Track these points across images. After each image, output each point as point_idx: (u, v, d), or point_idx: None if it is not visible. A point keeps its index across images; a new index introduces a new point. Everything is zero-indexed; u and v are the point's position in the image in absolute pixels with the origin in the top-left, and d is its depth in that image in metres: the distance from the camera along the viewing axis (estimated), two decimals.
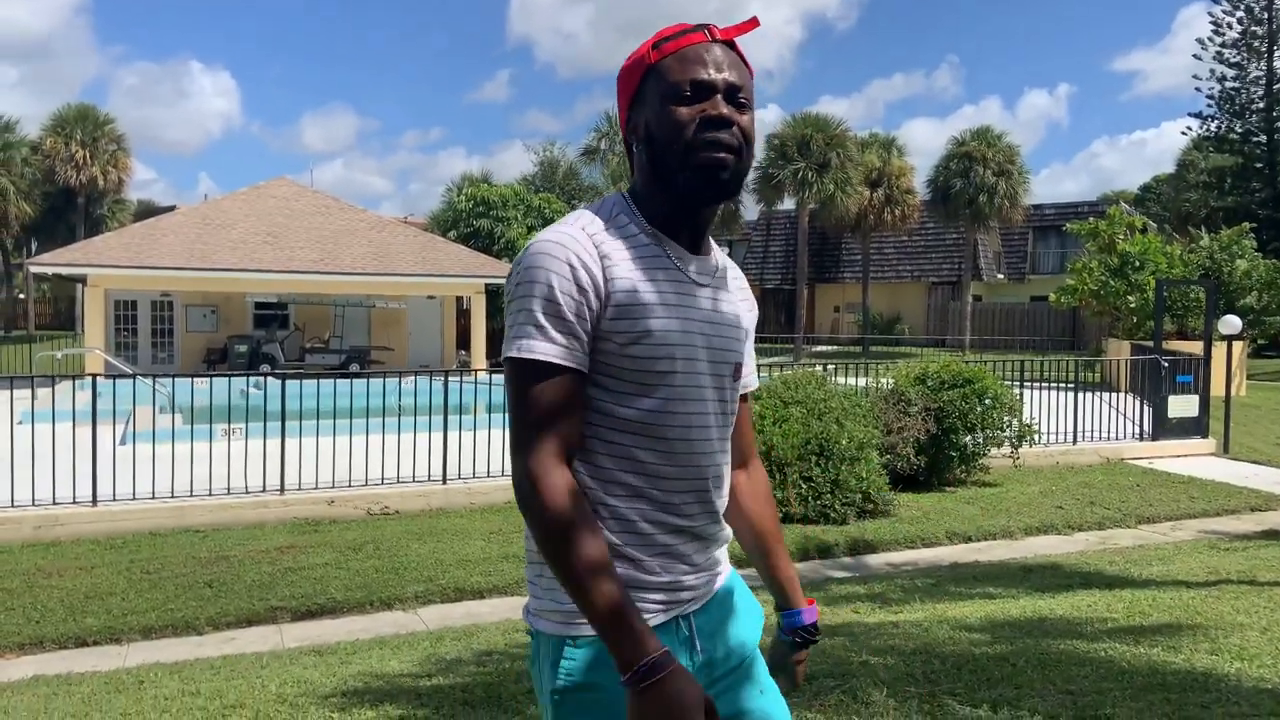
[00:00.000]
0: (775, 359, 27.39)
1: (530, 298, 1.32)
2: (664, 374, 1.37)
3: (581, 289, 1.32)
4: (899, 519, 8.68)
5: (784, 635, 1.62)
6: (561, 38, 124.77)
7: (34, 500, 7.74)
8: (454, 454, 9.21)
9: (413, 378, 11.16)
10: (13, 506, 7.65)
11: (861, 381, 10.94)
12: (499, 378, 13.81)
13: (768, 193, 32.03)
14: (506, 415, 1.37)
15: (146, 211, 38.61)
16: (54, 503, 7.77)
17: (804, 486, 8.57)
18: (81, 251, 20.42)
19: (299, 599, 6.46)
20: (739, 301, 1.52)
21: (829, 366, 11.29)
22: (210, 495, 8.32)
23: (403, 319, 24.96)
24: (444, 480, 9.06)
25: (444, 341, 25.29)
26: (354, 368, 21.19)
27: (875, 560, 7.77)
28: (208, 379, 14.06)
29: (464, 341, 23.84)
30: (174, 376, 11.67)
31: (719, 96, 1.37)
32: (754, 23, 1.43)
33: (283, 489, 8.52)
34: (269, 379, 10.79)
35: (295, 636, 5.92)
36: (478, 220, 25.48)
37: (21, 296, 45.42)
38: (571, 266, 1.32)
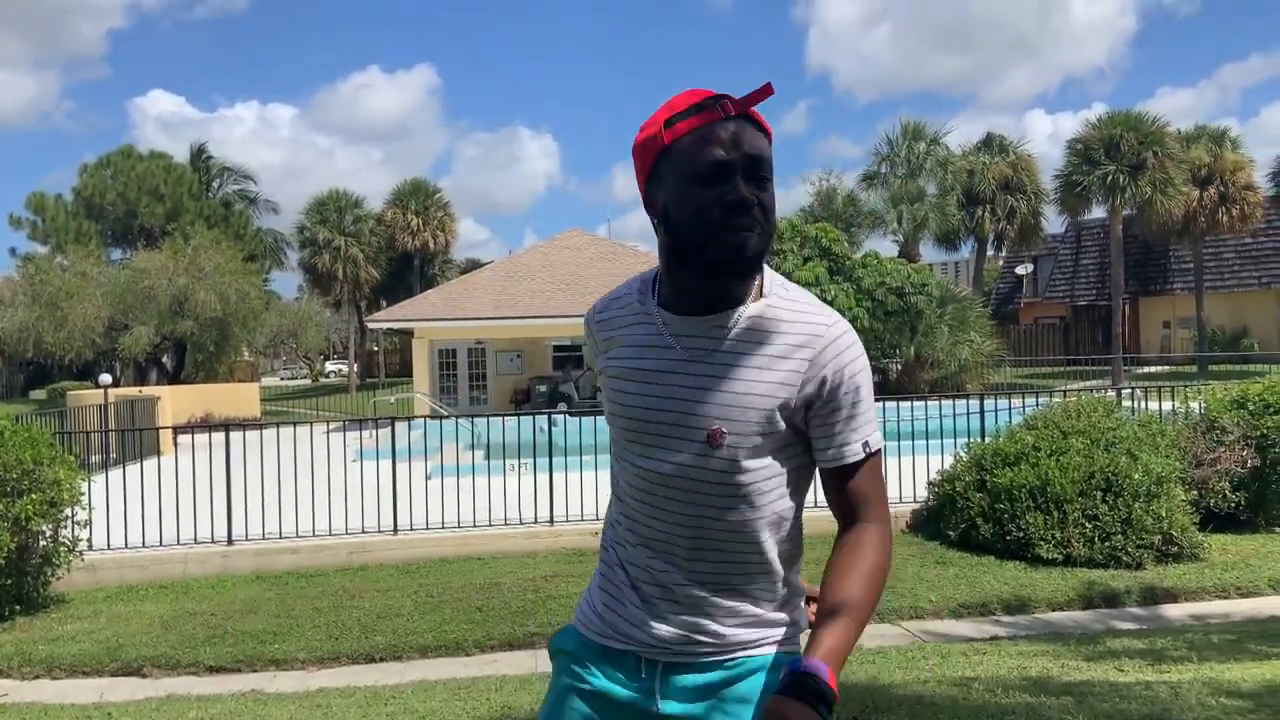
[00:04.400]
0: (1089, 383, 24.91)
1: None
2: (628, 434, 1.48)
3: (592, 355, 1.63)
4: (1209, 564, 7.55)
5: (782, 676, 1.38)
6: (859, 60, 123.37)
7: (347, 529, 8.89)
8: None
9: None
10: (330, 535, 8.83)
11: (1167, 406, 9.68)
12: None
13: (1071, 202, 29.41)
14: None
15: (471, 268, 43.15)
16: (363, 531, 8.87)
17: (1088, 526, 7.72)
18: (408, 308, 23.27)
19: (554, 625, 6.84)
20: (758, 368, 1.39)
21: (1123, 391, 10.09)
22: (490, 525, 9.07)
23: None
24: None
25: None
26: None
27: (1175, 611, 6.80)
28: (509, 417, 15.36)
29: None
30: (472, 416, 12.84)
31: (738, 178, 1.35)
32: (768, 90, 1.37)
33: (552, 520, 9.09)
34: (564, 416, 11.62)
35: (548, 662, 6.26)
36: None
37: (375, 349, 52.51)
38: (586, 333, 1.63)
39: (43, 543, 7.36)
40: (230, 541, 8.66)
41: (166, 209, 34.80)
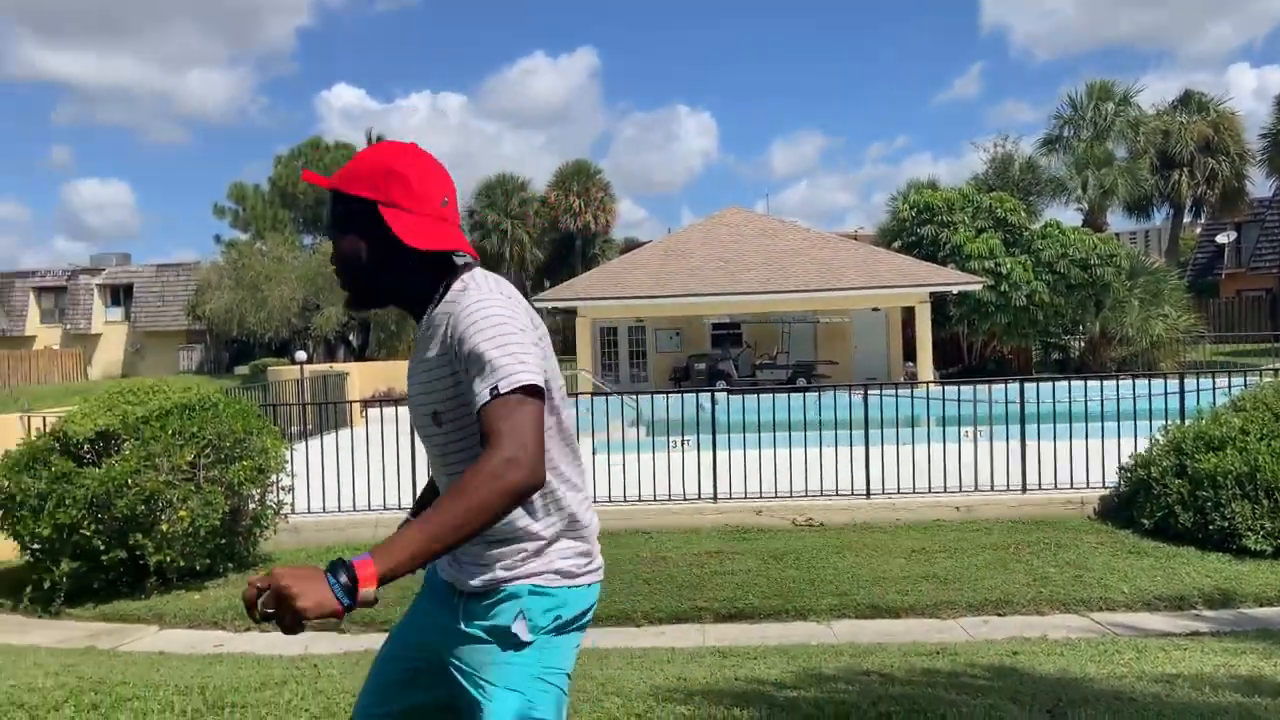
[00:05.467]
0: None
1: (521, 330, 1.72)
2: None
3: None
4: None
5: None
6: (1039, 16, 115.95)
7: None
8: (877, 468, 9.12)
9: (832, 392, 11.25)
10: None
11: None
12: (936, 390, 13.34)
13: None
14: (931, 429, 1.49)
15: (629, 247, 43.75)
16: None
17: None
18: (571, 288, 23.83)
19: (721, 601, 6.89)
20: (427, 345, 1.70)
21: None
22: (655, 501, 9.22)
23: (847, 332, 25.18)
24: (867, 495, 9.02)
25: (889, 353, 24.99)
26: (800, 381, 21.88)
27: None
28: (669, 394, 15.50)
29: (911, 352, 23.34)
30: (636, 394, 13.03)
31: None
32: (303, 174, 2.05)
33: (716, 497, 9.14)
34: (722, 394, 11.64)
35: (715, 636, 6.33)
36: (921, 227, 24.83)
37: None
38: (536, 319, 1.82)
39: (252, 506, 8.04)
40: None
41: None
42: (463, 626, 1.65)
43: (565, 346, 50.47)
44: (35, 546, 7.40)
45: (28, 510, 7.23)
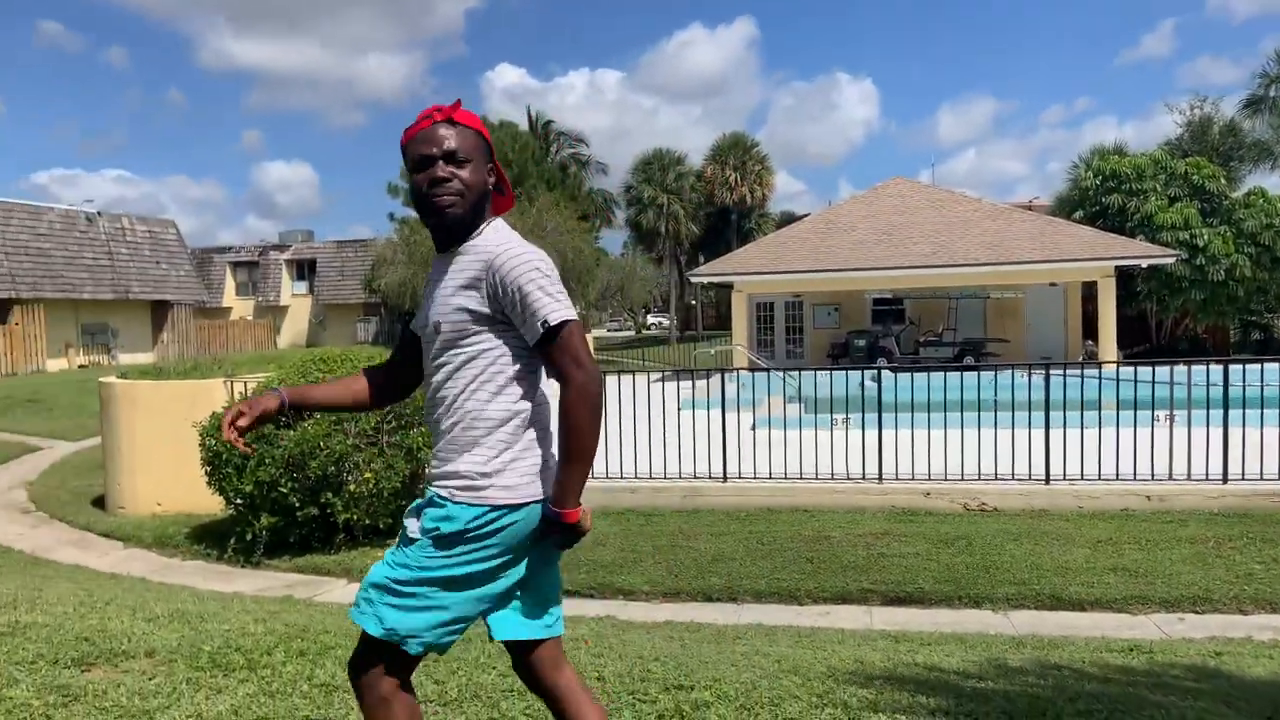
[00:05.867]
0: None
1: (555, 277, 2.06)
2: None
3: None
4: None
5: None
6: None
7: (681, 474, 9.29)
8: (1057, 453, 8.61)
9: (1009, 371, 10.68)
10: (665, 478, 9.29)
11: None
12: (1123, 372, 12.44)
13: None
14: (1118, 413, 1.40)
15: (786, 221, 43.11)
16: (695, 476, 9.23)
17: None
18: (728, 262, 23.68)
19: (889, 585, 6.71)
20: (456, 275, 2.02)
21: None
22: (817, 479, 9.05)
23: (1020, 308, 23.88)
24: (1046, 480, 8.53)
25: (1067, 331, 23.55)
26: (968, 360, 20.96)
27: None
28: (829, 371, 15.20)
29: (1091, 330, 21.90)
30: (792, 370, 12.84)
31: (439, 160, 2.02)
32: (457, 104, 2.08)
33: (880, 477, 8.89)
34: (883, 372, 11.32)
35: (883, 620, 6.16)
36: (1106, 197, 23.14)
37: (693, 303, 54.31)
38: None
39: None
40: None
41: (514, 174, 38.11)
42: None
43: (719, 321, 50.47)
44: (238, 502, 8.04)
45: (232, 468, 7.87)
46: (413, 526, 1.97)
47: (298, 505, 7.76)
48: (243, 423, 2.09)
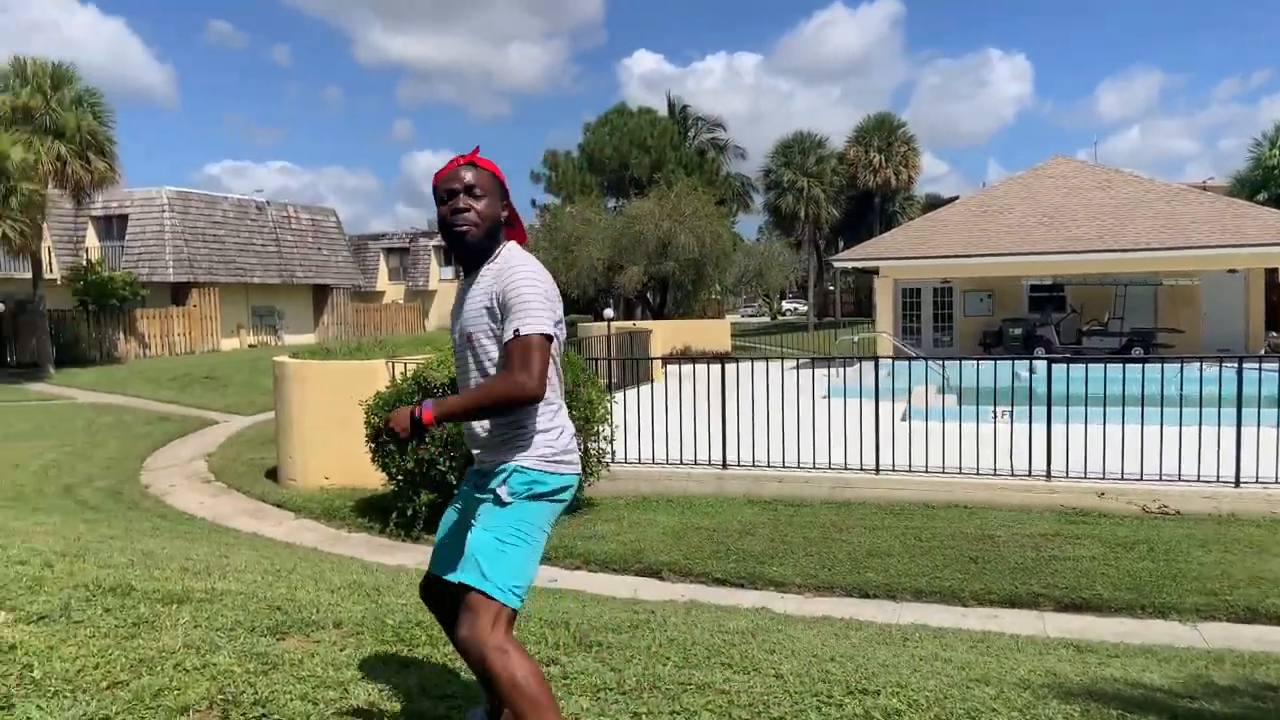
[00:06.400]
0: None
1: (545, 296, 2.39)
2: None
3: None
4: None
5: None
6: None
7: (830, 464, 9.05)
8: (1249, 453, 7.90)
9: (1199, 364, 9.88)
10: (814, 468, 9.07)
11: None
12: None
13: None
14: None
15: (931, 205, 41.59)
16: (845, 468, 8.98)
17: None
18: (873, 247, 22.99)
19: (1062, 589, 6.32)
20: (478, 294, 2.41)
21: None
22: (978, 474, 8.64)
23: (1195, 296, 22.18)
24: (1236, 483, 7.86)
25: (1248, 322, 21.72)
26: (1136, 351, 19.64)
27: None
28: (980, 361, 14.54)
29: (1275, 321, 20.12)
30: (942, 360, 12.34)
31: (461, 194, 2.42)
32: (475, 150, 2.47)
33: (1049, 475, 8.40)
34: (1041, 363, 10.69)
35: (1057, 627, 5.81)
36: None
37: (831, 289, 53.21)
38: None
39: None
40: (724, 465, 9.32)
41: (652, 160, 38.23)
42: (477, 494, 2.46)
43: (858, 307, 49.24)
44: (399, 478, 8.34)
45: (394, 446, 8.15)
46: (504, 494, 2.33)
47: (455, 483, 7.98)
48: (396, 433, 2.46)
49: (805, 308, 50.96)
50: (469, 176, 2.41)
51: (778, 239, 48.75)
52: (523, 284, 2.32)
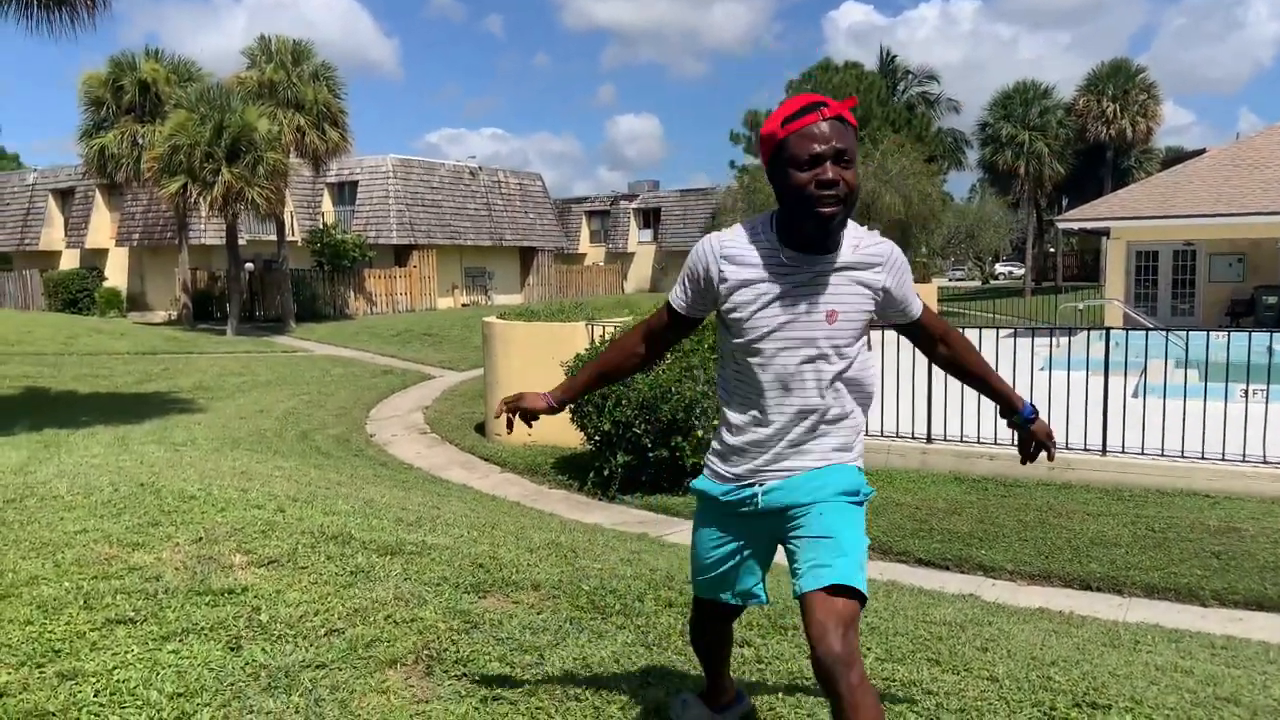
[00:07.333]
0: None
1: (683, 269, 2.22)
2: (748, 326, 2.12)
3: (700, 273, 2.21)
4: None
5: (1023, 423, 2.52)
6: None
7: None
8: None
9: None
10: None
11: None
12: None
13: None
14: None
15: (1173, 159, 37.61)
16: (1066, 447, 8.28)
17: None
18: (1105, 205, 21.07)
19: None
20: (844, 282, 2.08)
21: None
22: (1222, 460, 7.75)
23: None
24: None
25: None
26: None
27: None
28: (1227, 333, 13.06)
29: None
30: (1187, 331, 11.13)
31: (828, 163, 1.96)
32: (852, 100, 2.03)
33: None
34: None
35: None
36: None
37: (1051, 251, 49.54)
38: (699, 258, 2.20)
39: None
40: (929, 439, 8.86)
41: (858, 116, 36.71)
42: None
43: (1082, 271, 45.56)
44: (597, 439, 8.51)
45: (592, 407, 8.32)
46: (863, 492, 2.16)
47: (649, 446, 8.05)
48: (510, 413, 2.37)
49: (1021, 271, 47.77)
50: (842, 140, 1.96)
51: (993, 197, 45.84)
52: (907, 267, 2.19)
